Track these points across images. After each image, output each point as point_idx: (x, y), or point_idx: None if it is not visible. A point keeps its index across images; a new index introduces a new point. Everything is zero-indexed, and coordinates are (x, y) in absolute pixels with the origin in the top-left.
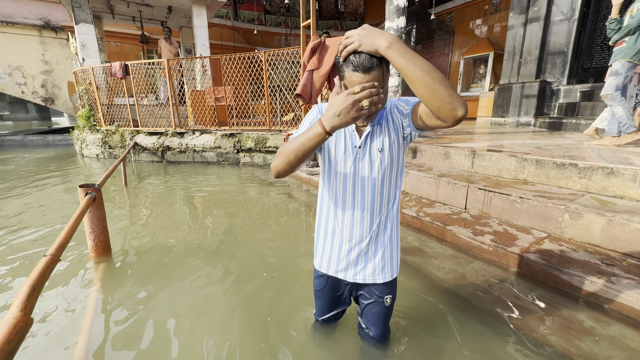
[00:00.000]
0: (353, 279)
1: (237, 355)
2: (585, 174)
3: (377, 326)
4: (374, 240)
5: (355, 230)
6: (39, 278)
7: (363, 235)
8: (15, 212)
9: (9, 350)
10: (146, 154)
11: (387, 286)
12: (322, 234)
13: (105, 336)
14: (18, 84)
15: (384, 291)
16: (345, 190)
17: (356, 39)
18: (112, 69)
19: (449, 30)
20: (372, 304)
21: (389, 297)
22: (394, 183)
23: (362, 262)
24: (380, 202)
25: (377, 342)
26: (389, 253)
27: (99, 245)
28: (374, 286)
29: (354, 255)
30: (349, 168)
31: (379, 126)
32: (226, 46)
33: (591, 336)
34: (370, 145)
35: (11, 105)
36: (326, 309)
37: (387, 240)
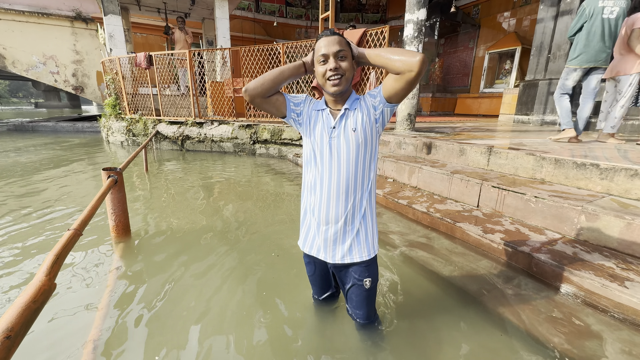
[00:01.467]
0: (332, 259)
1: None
2: (607, 175)
3: (360, 309)
4: (350, 221)
5: (331, 210)
6: (62, 249)
7: (338, 215)
8: (45, 191)
9: (34, 308)
10: (167, 142)
11: (365, 269)
12: (302, 214)
13: (123, 308)
14: (51, 73)
15: (363, 274)
16: (322, 170)
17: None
18: (137, 59)
19: (475, 23)
20: (353, 287)
21: (368, 280)
22: (368, 165)
23: (340, 242)
24: (355, 183)
25: (363, 326)
26: (364, 233)
27: (119, 226)
28: (352, 269)
29: (330, 234)
30: (325, 147)
31: (353, 110)
32: (247, 38)
33: (598, 340)
34: (344, 125)
35: (45, 94)
36: (321, 290)
37: (362, 220)
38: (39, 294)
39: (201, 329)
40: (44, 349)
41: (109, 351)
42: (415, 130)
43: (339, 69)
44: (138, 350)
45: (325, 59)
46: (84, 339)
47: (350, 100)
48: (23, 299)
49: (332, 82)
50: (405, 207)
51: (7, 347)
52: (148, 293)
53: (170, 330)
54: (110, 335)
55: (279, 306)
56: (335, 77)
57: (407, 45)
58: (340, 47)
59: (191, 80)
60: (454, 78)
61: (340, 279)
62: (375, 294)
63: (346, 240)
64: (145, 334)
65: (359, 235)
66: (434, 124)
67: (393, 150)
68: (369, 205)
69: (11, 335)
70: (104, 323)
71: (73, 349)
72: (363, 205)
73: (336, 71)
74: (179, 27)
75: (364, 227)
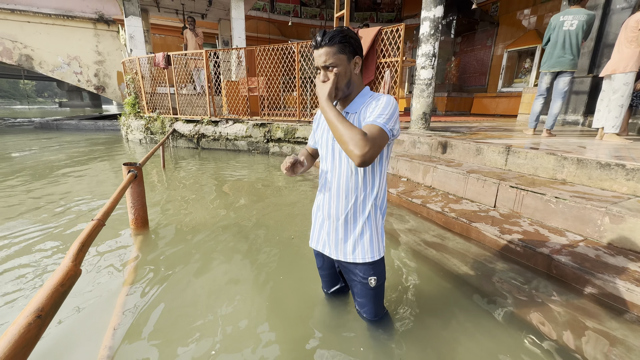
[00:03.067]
0: (336, 256)
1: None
2: (633, 175)
3: (366, 306)
4: (351, 220)
5: (332, 207)
6: (87, 237)
7: (339, 213)
8: (69, 185)
9: (62, 291)
10: (183, 140)
11: (370, 267)
12: (313, 211)
13: (140, 296)
14: (75, 73)
15: (367, 272)
16: (326, 169)
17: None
18: (156, 59)
19: (493, 21)
20: (358, 284)
21: (373, 278)
22: (370, 169)
23: (342, 240)
24: (355, 183)
25: (370, 322)
26: (369, 235)
27: (138, 219)
28: (357, 267)
29: (332, 230)
30: (329, 148)
31: (353, 114)
32: (261, 38)
33: (622, 345)
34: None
35: (69, 93)
36: (329, 284)
37: (367, 222)
38: (66, 278)
39: (213, 309)
40: (69, 330)
41: (130, 333)
42: (430, 129)
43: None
44: (156, 335)
45: (318, 68)
46: (106, 322)
47: (354, 104)
48: (52, 282)
49: None
50: (420, 206)
51: (38, 326)
52: (164, 281)
53: (185, 316)
54: (131, 320)
55: (289, 299)
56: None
57: (423, 43)
58: (327, 58)
59: (207, 79)
60: (471, 77)
61: (346, 276)
62: (382, 292)
63: (349, 239)
64: (161, 320)
65: (362, 237)
66: (450, 123)
67: (407, 149)
68: (374, 209)
69: (42, 314)
70: (124, 308)
71: (95, 330)
72: (367, 208)
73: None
74: (189, 27)
75: (368, 229)
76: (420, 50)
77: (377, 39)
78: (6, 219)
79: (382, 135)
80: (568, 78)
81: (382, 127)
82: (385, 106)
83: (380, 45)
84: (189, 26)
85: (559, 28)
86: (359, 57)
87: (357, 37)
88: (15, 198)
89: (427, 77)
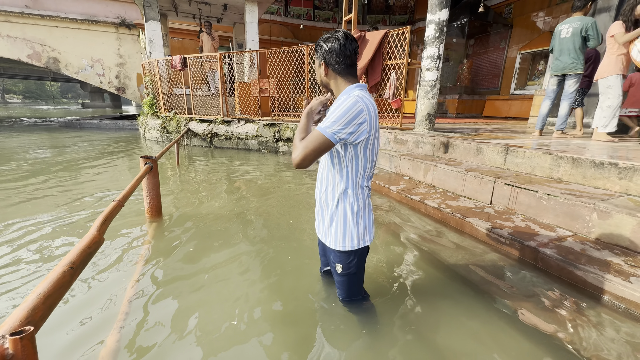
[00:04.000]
0: (318, 233)
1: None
2: (625, 174)
3: (339, 288)
4: (324, 205)
5: (316, 192)
6: (109, 213)
7: (318, 197)
8: (91, 177)
9: (88, 252)
10: (197, 139)
11: (337, 255)
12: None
13: (152, 274)
14: (98, 75)
15: (336, 258)
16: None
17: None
18: (173, 61)
19: (507, 23)
20: (332, 267)
21: (339, 266)
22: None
23: (321, 220)
24: (327, 173)
25: (342, 302)
26: (335, 225)
27: (152, 208)
28: (329, 250)
29: (316, 212)
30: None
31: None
32: (274, 41)
33: (597, 330)
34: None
35: (91, 94)
36: (322, 263)
37: (335, 212)
38: (92, 242)
39: (217, 282)
40: (94, 289)
41: (141, 305)
42: (435, 130)
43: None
44: (165, 311)
45: None
46: (123, 292)
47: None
48: (81, 244)
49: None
50: (418, 202)
51: (70, 274)
52: (175, 264)
53: (195, 296)
54: (143, 296)
55: (288, 278)
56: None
57: (428, 45)
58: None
59: (221, 80)
60: (483, 79)
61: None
62: (352, 281)
63: (324, 222)
64: (170, 299)
65: (331, 225)
66: (457, 125)
67: (411, 149)
68: (344, 203)
69: (73, 266)
70: (137, 285)
71: (114, 297)
72: (335, 198)
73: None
74: (205, 31)
75: (336, 219)
76: (426, 53)
77: (383, 41)
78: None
79: (317, 139)
80: (573, 81)
81: (321, 131)
82: (335, 109)
83: (386, 47)
84: (206, 30)
85: (557, 36)
86: (323, 63)
87: (327, 47)
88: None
89: (431, 79)
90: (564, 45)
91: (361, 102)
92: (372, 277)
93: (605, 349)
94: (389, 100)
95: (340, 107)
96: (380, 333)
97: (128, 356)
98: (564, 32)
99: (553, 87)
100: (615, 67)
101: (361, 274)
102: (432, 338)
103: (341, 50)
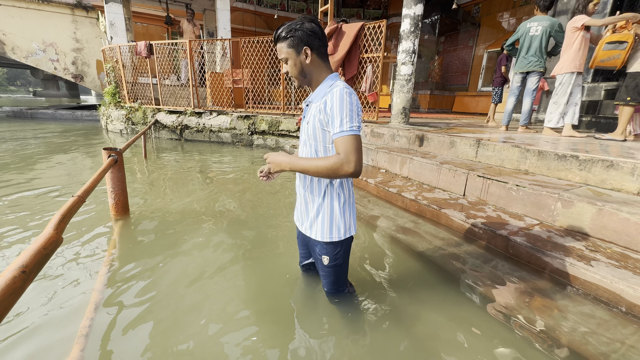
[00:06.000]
0: (302, 230)
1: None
2: (585, 166)
3: (324, 280)
4: (309, 198)
5: (300, 186)
6: (67, 210)
7: (300, 190)
8: (46, 173)
9: (44, 253)
10: (166, 131)
11: (324, 247)
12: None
13: (119, 276)
14: (51, 60)
15: (322, 251)
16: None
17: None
18: (138, 47)
19: (475, 22)
20: (316, 260)
21: (326, 257)
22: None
23: (305, 213)
24: None
25: (326, 295)
26: (322, 217)
27: (118, 204)
28: (314, 243)
29: (302, 206)
30: (303, 133)
31: (315, 103)
32: (247, 31)
33: (562, 312)
34: (306, 116)
35: (44, 82)
36: (302, 257)
37: (321, 204)
38: (48, 242)
39: (190, 281)
40: (54, 291)
41: (108, 305)
42: (410, 124)
43: (287, 73)
44: (133, 313)
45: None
46: (87, 296)
47: (316, 93)
48: (35, 245)
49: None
50: (395, 195)
51: (22, 279)
52: (144, 264)
53: (164, 297)
54: (109, 297)
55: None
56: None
57: (403, 40)
58: (281, 53)
59: (191, 69)
60: (453, 76)
61: (310, 249)
62: (338, 272)
63: (309, 215)
64: (138, 301)
65: (317, 217)
66: (430, 119)
67: (387, 142)
68: (331, 194)
69: (26, 270)
70: (102, 288)
71: (76, 303)
72: (322, 190)
73: (287, 74)
74: (187, 18)
75: (322, 211)
76: (401, 47)
77: (359, 34)
78: None
79: (354, 140)
80: (535, 78)
81: (351, 133)
82: (340, 107)
83: (362, 40)
84: (188, 16)
85: (526, 33)
86: (308, 48)
87: (307, 28)
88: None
89: (407, 73)
90: (533, 42)
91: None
92: (352, 269)
93: (569, 328)
94: (366, 93)
95: (342, 103)
96: (364, 323)
97: None
98: (533, 30)
99: (517, 84)
100: (572, 64)
101: (347, 265)
102: (412, 324)
103: (321, 32)
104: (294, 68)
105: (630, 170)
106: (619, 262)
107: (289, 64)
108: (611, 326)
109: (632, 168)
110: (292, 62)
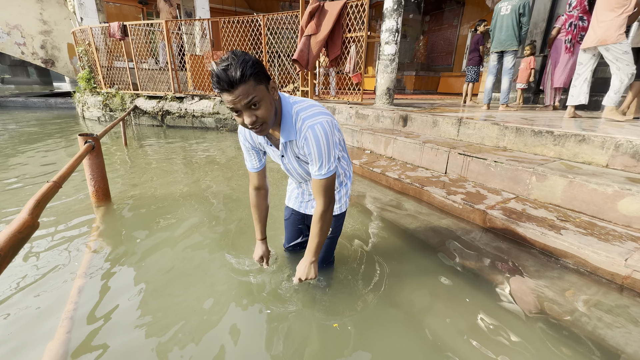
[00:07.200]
0: (305, 211)
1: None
2: (559, 141)
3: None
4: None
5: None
6: (42, 195)
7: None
8: (20, 163)
9: (19, 237)
10: (146, 117)
11: None
12: (288, 184)
13: (101, 267)
14: (17, 44)
15: None
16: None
17: (304, 277)
18: (111, 29)
19: (459, 0)
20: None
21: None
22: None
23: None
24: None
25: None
26: None
27: (98, 191)
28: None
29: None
30: (281, 165)
31: (291, 141)
32: (227, 11)
33: (535, 278)
34: (289, 153)
35: (12, 69)
36: (290, 238)
37: None
38: (23, 227)
39: (174, 269)
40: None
41: (92, 289)
42: (395, 105)
43: (257, 120)
44: (117, 300)
45: (236, 111)
46: (69, 286)
47: (285, 130)
48: (10, 229)
49: (256, 131)
50: (379, 174)
51: None
52: (127, 251)
53: (149, 286)
54: (92, 282)
55: None
56: (255, 129)
57: (387, 18)
58: (249, 95)
59: (169, 52)
60: (438, 56)
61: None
62: (330, 246)
63: (305, 195)
64: (121, 288)
65: None
66: (414, 100)
67: (371, 123)
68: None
69: (1, 253)
70: (87, 272)
71: (60, 284)
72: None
73: (254, 124)
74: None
75: None
76: (384, 26)
77: (342, 12)
78: None
79: (332, 179)
80: (510, 57)
81: (329, 175)
82: (319, 153)
83: (346, 19)
84: None
85: (498, 14)
86: (269, 82)
87: (254, 59)
88: None
89: (390, 53)
90: (503, 22)
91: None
92: (339, 245)
93: (539, 291)
94: (350, 74)
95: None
96: (348, 295)
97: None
98: (503, 10)
99: (494, 63)
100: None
101: (337, 239)
102: (396, 296)
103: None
104: (270, 109)
105: (600, 144)
106: (586, 230)
107: (263, 106)
108: (577, 287)
109: (602, 142)
110: (267, 103)
